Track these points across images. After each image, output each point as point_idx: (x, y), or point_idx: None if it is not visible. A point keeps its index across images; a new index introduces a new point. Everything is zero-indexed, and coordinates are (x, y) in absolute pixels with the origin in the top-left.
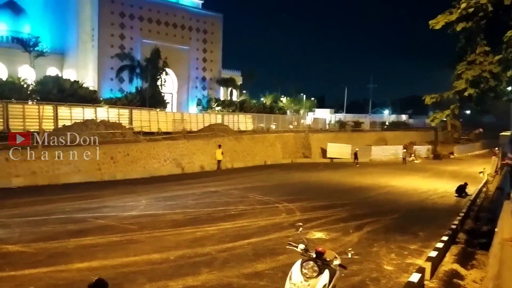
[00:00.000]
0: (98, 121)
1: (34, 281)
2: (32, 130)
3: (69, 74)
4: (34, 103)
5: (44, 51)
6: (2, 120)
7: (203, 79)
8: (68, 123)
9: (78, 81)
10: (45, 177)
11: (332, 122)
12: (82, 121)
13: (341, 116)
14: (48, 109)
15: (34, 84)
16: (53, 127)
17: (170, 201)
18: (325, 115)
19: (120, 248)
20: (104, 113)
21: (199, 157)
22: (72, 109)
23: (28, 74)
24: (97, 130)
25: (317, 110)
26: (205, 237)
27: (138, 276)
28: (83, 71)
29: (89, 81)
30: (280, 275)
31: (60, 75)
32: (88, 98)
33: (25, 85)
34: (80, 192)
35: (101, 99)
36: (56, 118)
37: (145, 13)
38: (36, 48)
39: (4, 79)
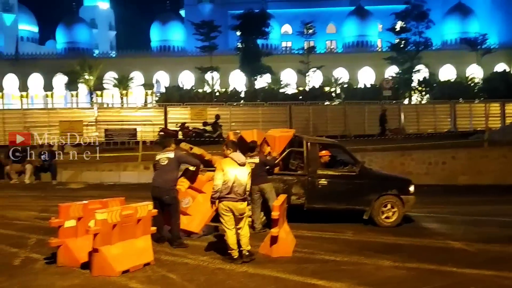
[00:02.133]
0: None
1: (474, 282)
2: (478, 129)
3: None
4: (480, 101)
5: (492, 47)
6: (449, 119)
7: None
8: None
9: None
10: (489, 176)
11: None
12: None
13: None
14: (494, 107)
15: (481, 82)
16: (499, 125)
17: None
18: None
19: None
20: None
21: None
22: None
23: (475, 72)
24: None
25: None
26: None
27: None
28: None
29: None
30: None
31: (508, 70)
32: None
33: (472, 84)
34: None
35: None
36: (503, 115)
37: None
38: (483, 46)
39: (453, 80)
